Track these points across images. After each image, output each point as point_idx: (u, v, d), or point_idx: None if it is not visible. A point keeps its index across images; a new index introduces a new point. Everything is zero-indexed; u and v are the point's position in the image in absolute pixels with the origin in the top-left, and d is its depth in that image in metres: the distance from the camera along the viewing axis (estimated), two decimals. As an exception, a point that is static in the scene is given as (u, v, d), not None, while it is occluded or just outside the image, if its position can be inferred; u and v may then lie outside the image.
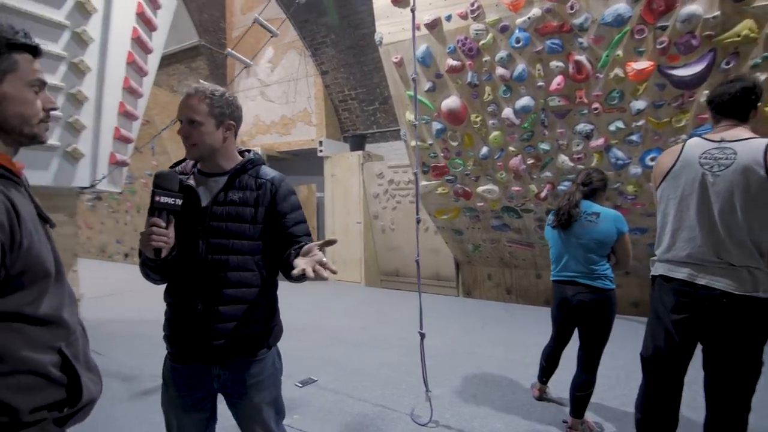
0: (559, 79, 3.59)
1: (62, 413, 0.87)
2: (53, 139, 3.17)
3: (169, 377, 1.34)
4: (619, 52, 3.31)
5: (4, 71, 0.87)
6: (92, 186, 3.60)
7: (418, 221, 2.63)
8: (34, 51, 0.93)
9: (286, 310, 1.56)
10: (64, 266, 0.98)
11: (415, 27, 3.85)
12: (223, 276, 1.27)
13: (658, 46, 3.15)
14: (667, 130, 3.48)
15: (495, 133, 4.13)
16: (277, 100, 7.70)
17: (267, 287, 1.38)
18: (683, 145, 1.76)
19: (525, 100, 3.81)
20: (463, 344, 3.83)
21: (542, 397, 2.68)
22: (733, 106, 1.67)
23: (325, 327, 4.41)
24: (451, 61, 3.94)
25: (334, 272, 1.10)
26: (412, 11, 2.58)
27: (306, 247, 1.16)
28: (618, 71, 3.36)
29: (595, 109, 3.59)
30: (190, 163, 1.39)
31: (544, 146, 4.01)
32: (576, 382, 2.27)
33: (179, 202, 1.19)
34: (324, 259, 1.09)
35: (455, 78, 4.03)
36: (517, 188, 4.40)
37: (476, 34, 3.71)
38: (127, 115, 3.79)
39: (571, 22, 3.35)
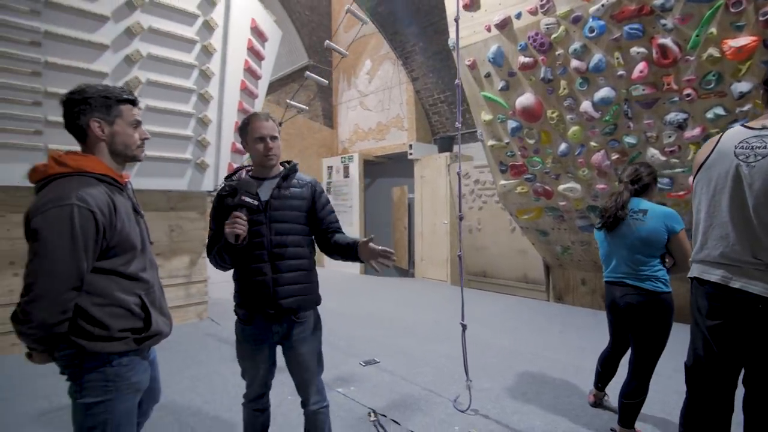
0: (641, 66, 3.30)
1: (139, 336, 1.35)
2: (187, 154, 4.11)
3: (241, 336, 1.79)
4: (713, 30, 2.92)
5: (116, 116, 1.38)
6: (215, 190, 4.53)
7: (461, 218, 2.75)
8: (133, 102, 1.44)
9: (372, 303, 1.91)
10: (195, 253, 1.49)
11: (486, 29, 3.96)
12: (283, 251, 1.70)
13: (761, 18, 2.71)
14: (782, 114, 2.92)
15: (574, 128, 3.93)
16: (374, 108, 8.28)
17: (311, 261, 1.81)
18: (722, 134, 1.61)
19: (604, 92, 3.57)
20: (532, 346, 3.75)
21: (597, 403, 2.57)
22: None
23: (402, 319, 4.71)
24: (523, 58, 3.90)
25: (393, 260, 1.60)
26: (456, 21, 2.71)
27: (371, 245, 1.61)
28: (713, 51, 2.96)
29: (688, 95, 3.20)
30: (243, 172, 1.84)
31: (630, 140, 3.68)
32: (625, 389, 2.17)
33: (256, 202, 1.67)
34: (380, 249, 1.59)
35: (528, 75, 3.97)
36: (602, 186, 4.09)
37: (547, 28, 3.62)
38: (240, 132, 4.64)
39: (651, 3, 3.06)
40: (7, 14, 3.00)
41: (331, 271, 8.38)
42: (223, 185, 1.79)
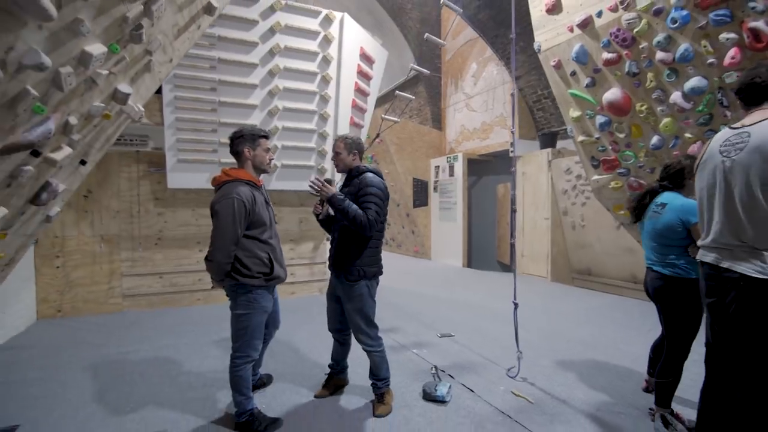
0: (733, 52, 3.13)
1: (267, 277, 2.23)
2: (311, 161, 5.21)
3: (329, 284, 2.61)
4: (816, 6, 2.68)
5: (257, 145, 2.29)
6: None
7: (513, 211, 3.12)
8: (267, 137, 2.34)
9: (466, 292, 2.58)
10: (318, 240, 2.38)
11: (569, 29, 4.14)
12: (339, 229, 2.45)
13: None
14: None
15: (666, 120, 3.82)
16: (478, 108, 8.62)
17: (362, 239, 2.43)
18: (713, 137, 1.79)
19: (695, 81, 3.44)
20: (611, 340, 3.81)
21: (649, 389, 2.68)
22: (759, 91, 1.63)
23: (489, 307, 5.09)
24: (606, 55, 3.95)
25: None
26: (512, 38, 3.09)
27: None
28: (818, 28, 2.72)
29: (793, 78, 2.94)
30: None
31: (729, 129, 3.45)
32: (658, 369, 2.33)
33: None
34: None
35: (613, 70, 3.99)
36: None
37: (628, 23, 3.65)
38: (351, 141, 5.62)
39: (738, -13, 2.94)
40: (196, 71, 4.42)
41: (437, 263, 9.01)
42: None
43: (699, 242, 1.85)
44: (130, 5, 1.58)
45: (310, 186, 2.37)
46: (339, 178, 2.60)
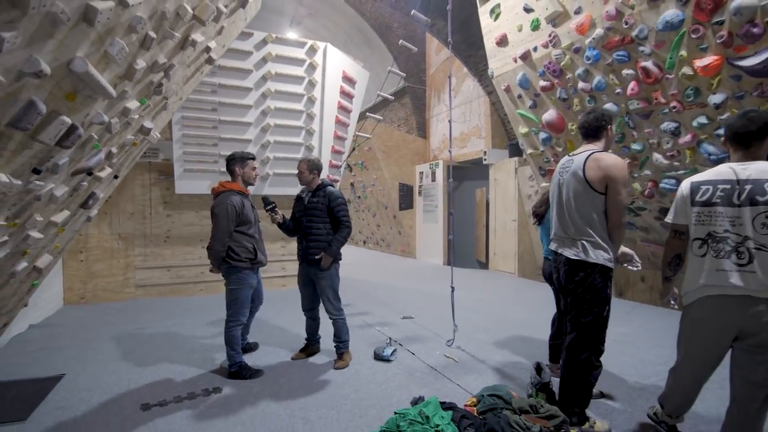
0: (632, 84, 3.89)
1: (252, 261, 3.01)
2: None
3: (299, 272, 3.38)
4: (683, 52, 3.44)
5: (246, 165, 3.09)
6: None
7: (450, 213, 3.87)
8: (253, 158, 3.12)
9: (440, 286, 3.33)
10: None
11: (513, 60, 4.89)
12: (311, 231, 3.21)
13: (718, 41, 3.18)
14: (758, 120, 3.27)
15: (591, 138, 4.57)
16: (458, 119, 9.39)
17: (330, 238, 3.21)
18: (561, 160, 2.54)
19: (608, 107, 4.20)
20: (546, 321, 4.55)
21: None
22: (587, 128, 2.38)
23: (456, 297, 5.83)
24: (542, 82, 4.72)
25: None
26: (449, 77, 3.86)
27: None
28: (686, 69, 3.47)
29: (674, 107, 3.69)
30: (304, 187, 3.41)
31: (636, 146, 4.21)
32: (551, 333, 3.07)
33: (274, 206, 3.22)
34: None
35: (549, 95, 4.76)
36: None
37: (557, 58, 4.41)
38: (335, 152, 6.39)
39: (630, 34, 3.69)
40: (200, 95, 5.21)
41: (421, 262, 9.76)
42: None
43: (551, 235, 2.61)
44: (156, 75, 2.34)
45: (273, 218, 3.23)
46: (304, 191, 3.35)
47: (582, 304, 2.31)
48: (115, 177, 3.15)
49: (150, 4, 1.80)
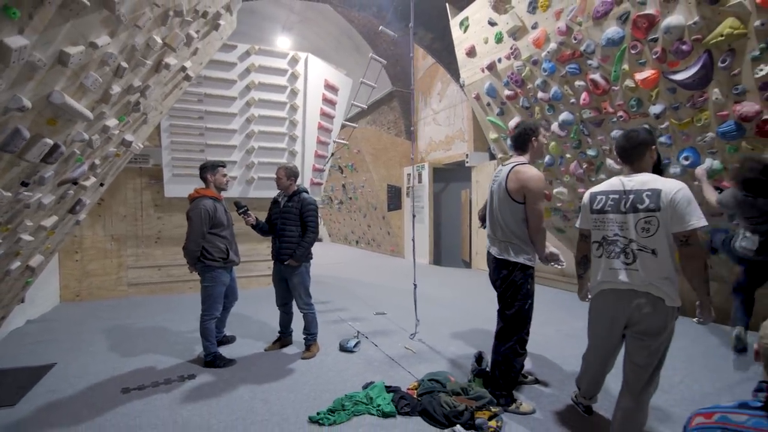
0: (584, 95, 4.17)
1: (225, 260, 3.32)
2: (283, 174, 6.29)
3: (273, 270, 3.68)
4: (625, 66, 3.71)
5: (216, 172, 3.40)
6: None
7: (414, 216, 4.17)
8: (224, 166, 3.43)
9: (421, 285, 3.63)
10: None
11: (481, 70, 5.17)
12: (284, 233, 3.50)
13: (654, 57, 3.46)
14: (692, 130, 3.56)
15: (552, 144, 4.86)
16: (443, 123, 9.67)
17: (300, 239, 3.51)
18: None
19: (565, 115, 4.49)
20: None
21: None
22: (515, 141, 2.67)
23: (432, 295, 6.14)
24: (507, 92, 5.00)
25: None
26: (411, 90, 4.14)
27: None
28: (629, 82, 3.75)
29: (621, 116, 3.98)
30: (280, 192, 3.71)
31: (591, 152, 4.49)
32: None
33: (246, 209, 3.51)
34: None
35: (513, 104, 5.04)
36: (582, 190, 4.89)
37: (518, 69, 4.70)
38: (319, 156, 6.69)
39: (579, 49, 3.97)
40: (186, 104, 5.52)
41: (409, 261, 10.05)
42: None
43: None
44: (132, 96, 2.65)
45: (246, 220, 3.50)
46: (280, 196, 3.65)
47: (506, 298, 2.61)
48: (101, 185, 3.46)
49: (120, 41, 2.10)
